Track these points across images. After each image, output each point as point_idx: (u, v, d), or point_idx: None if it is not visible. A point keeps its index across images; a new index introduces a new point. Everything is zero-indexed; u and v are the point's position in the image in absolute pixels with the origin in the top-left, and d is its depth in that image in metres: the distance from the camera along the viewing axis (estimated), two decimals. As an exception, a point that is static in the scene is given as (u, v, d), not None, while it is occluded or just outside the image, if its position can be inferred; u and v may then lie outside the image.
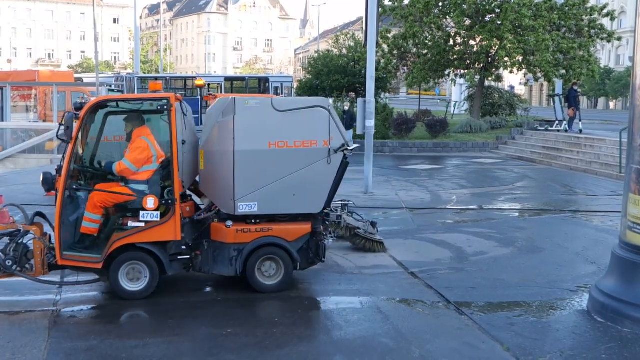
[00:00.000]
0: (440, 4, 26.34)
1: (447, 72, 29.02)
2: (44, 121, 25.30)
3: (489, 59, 26.37)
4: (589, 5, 26.34)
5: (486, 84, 29.23)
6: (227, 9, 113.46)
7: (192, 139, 7.28)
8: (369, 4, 13.89)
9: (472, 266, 8.45)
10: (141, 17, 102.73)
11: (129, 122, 7.11)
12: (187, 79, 37.57)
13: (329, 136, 7.01)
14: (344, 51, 33.03)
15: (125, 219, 6.82)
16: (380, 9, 17.12)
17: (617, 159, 16.90)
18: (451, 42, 26.50)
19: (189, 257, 7.04)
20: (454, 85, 36.54)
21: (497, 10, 25.13)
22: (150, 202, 6.66)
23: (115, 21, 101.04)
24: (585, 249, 9.46)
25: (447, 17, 26.36)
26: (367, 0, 13.92)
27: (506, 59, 25.09)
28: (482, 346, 5.74)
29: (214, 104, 7.51)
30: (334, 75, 29.94)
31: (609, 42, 29.00)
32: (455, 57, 26.73)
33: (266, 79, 36.94)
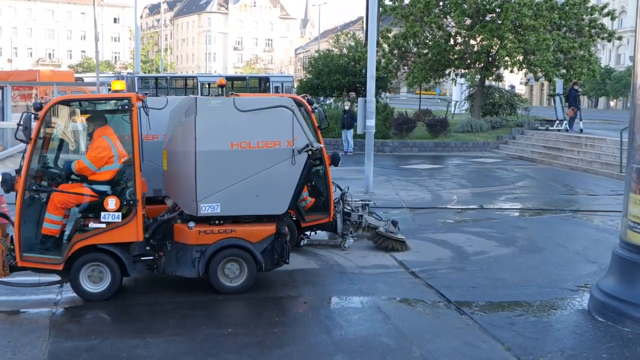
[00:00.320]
0: (440, 4, 26.35)
1: (447, 72, 29.00)
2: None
3: (490, 59, 26.36)
4: (589, 4, 26.35)
5: (487, 83, 29.20)
6: (227, 9, 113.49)
7: None
8: (370, 4, 13.89)
9: (473, 266, 8.45)
10: (141, 17, 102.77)
11: (90, 122, 7.03)
12: (187, 79, 37.58)
13: (293, 136, 6.88)
14: (345, 51, 33.08)
15: (86, 219, 6.69)
16: (380, 9, 17.13)
17: (618, 159, 16.89)
18: (451, 41, 26.49)
19: (153, 258, 6.95)
20: (455, 84, 36.52)
21: (498, 9, 25.12)
22: (111, 202, 6.57)
23: (115, 21, 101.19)
24: (585, 248, 9.46)
25: (448, 16, 26.37)
26: (367, -1, 13.95)
27: (507, 58, 25.07)
28: (482, 346, 5.73)
29: (177, 104, 7.47)
30: (334, 74, 29.96)
31: (609, 41, 29.00)
32: (455, 56, 26.73)
33: (267, 79, 36.91)
